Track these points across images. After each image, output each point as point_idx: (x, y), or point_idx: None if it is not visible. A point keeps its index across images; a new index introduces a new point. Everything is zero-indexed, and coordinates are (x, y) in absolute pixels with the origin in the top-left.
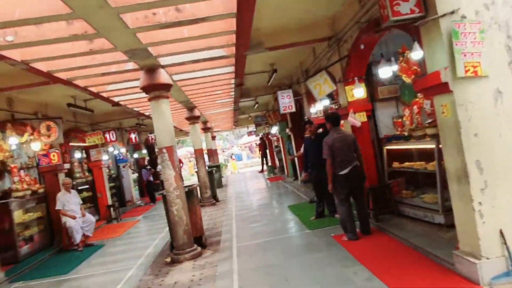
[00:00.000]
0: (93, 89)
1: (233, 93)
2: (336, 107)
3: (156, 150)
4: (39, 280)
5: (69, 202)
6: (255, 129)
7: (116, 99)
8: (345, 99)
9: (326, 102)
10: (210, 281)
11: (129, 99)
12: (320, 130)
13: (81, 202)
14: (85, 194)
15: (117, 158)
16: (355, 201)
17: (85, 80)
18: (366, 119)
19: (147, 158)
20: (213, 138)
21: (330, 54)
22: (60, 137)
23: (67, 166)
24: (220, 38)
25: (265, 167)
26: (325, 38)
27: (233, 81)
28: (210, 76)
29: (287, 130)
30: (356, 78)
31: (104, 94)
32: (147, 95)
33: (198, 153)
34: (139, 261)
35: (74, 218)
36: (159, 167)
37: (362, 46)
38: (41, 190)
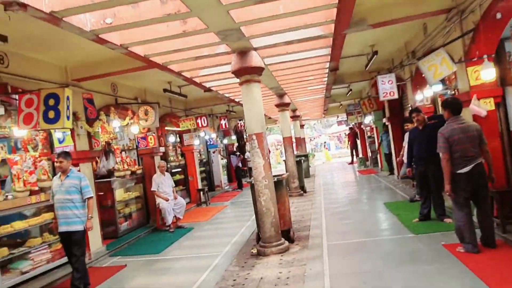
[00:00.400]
0: (187, 74)
1: (326, 78)
2: (452, 93)
3: (245, 136)
4: (134, 257)
5: (163, 184)
6: (346, 118)
7: (208, 85)
8: (466, 82)
9: (438, 87)
10: (298, 282)
11: (220, 85)
12: (428, 122)
13: (174, 185)
14: (178, 177)
15: (208, 143)
16: (476, 206)
17: (179, 65)
18: (493, 107)
19: (236, 144)
20: (302, 126)
21: (449, 29)
22: (156, 121)
23: (162, 149)
24: (318, 14)
25: (355, 158)
26: (443, 11)
27: (327, 65)
28: (303, 59)
29: (384, 120)
30: (485, 57)
31: (197, 80)
32: (238, 79)
33: (287, 141)
34: (225, 249)
35: (166, 200)
36: (247, 154)
37: (498, 15)
38: (139, 171)
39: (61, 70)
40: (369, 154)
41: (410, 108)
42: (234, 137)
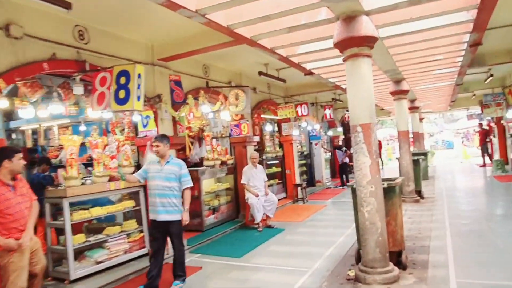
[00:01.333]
0: (281, 52)
1: (460, 58)
2: None
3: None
4: (212, 258)
5: (254, 177)
6: (479, 112)
7: (308, 66)
8: None
9: None
10: None
11: (322, 66)
12: None
13: (266, 179)
14: (274, 169)
15: (310, 134)
16: None
17: (271, 39)
18: None
19: (341, 137)
20: (421, 120)
21: None
22: (247, 107)
23: (256, 138)
24: None
25: (487, 160)
26: None
27: (466, 37)
28: (432, 29)
29: None
30: None
31: (295, 59)
32: (342, 55)
33: (403, 136)
34: (317, 264)
35: (256, 195)
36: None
37: None
38: (230, 161)
39: (147, 48)
40: (510, 156)
41: None
42: (340, 129)
